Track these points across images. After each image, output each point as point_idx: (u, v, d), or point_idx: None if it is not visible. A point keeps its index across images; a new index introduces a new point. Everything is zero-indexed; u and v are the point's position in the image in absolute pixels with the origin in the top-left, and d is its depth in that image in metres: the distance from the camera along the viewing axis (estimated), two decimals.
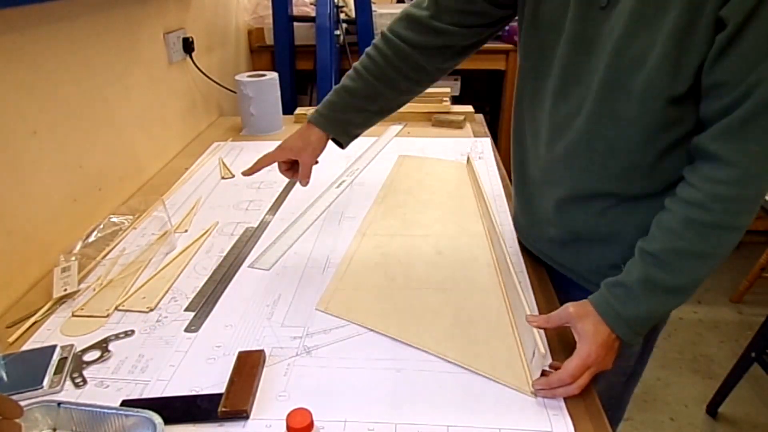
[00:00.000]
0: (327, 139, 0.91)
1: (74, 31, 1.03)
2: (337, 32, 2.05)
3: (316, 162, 0.92)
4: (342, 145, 0.95)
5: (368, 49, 0.87)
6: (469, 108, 1.69)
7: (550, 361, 0.70)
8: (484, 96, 2.57)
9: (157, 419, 0.59)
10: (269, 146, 1.47)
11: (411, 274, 0.90)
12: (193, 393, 0.67)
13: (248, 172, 0.93)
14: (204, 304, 0.84)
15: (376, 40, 0.87)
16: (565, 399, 0.65)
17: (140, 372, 0.71)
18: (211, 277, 0.91)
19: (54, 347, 0.73)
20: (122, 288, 0.88)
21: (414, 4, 0.84)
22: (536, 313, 0.80)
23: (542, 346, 0.65)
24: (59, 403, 0.61)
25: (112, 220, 1.08)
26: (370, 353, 0.73)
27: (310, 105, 2.10)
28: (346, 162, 1.36)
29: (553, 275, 0.90)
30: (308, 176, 0.91)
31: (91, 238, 1.02)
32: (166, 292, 0.87)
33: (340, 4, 2.12)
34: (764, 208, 1.32)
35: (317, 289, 0.87)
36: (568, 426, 0.62)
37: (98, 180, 1.12)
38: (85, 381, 0.69)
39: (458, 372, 0.70)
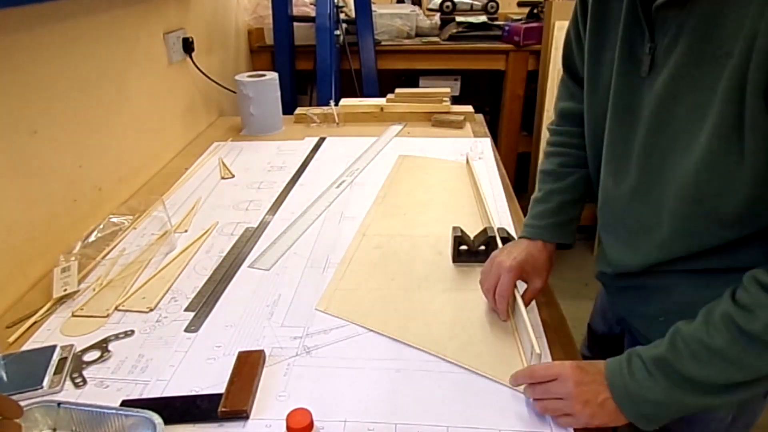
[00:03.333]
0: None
1: (74, 31, 1.03)
2: (337, 32, 2.05)
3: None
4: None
5: (548, 149, 0.86)
6: (469, 108, 1.69)
7: (548, 360, 0.70)
8: (484, 96, 2.57)
9: (157, 419, 0.59)
10: (269, 146, 1.49)
11: (411, 274, 0.90)
12: (193, 393, 0.67)
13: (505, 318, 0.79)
14: (204, 304, 0.84)
15: (550, 140, 0.86)
16: None
17: (140, 372, 0.71)
18: (211, 277, 0.91)
19: (54, 347, 0.73)
20: (122, 288, 0.88)
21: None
22: (536, 313, 0.80)
23: (537, 346, 0.65)
24: (59, 403, 0.61)
25: (111, 220, 1.08)
26: (370, 353, 0.73)
27: (310, 105, 2.10)
28: (346, 162, 1.36)
29: None
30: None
31: (91, 239, 1.02)
32: (166, 292, 0.87)
33: (340, 4, 2.13)
34: None
35: (317, 289, 0.87)
36: (568, 426, 0.61)
37: (98, 180, 1.12)
38: (85, 381, 0.69)
39: (458, 372, 0.70)
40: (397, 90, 1.69)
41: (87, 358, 0.73)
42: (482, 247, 0.91)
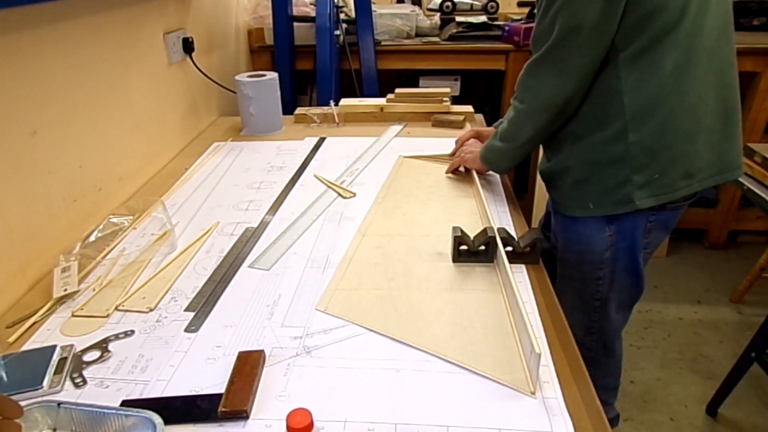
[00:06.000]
0: None
1: (74, 31, 1.03)
2: (337, 32, 2.05)
3: None
4: None
5: None
6: (469, 108, 1.69)
7: (549, 362, 0.70)
8: (484, 96, 2.57)
9: (157, 419, 0.59)
10: (269, 146, 1.49)
11: (411, 274, 0.90)
12: (193, 393, 0.67)
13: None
14: (204, 304, 0.84)
15: None
16: (566, 400, 0.65)
17: (140, 372, 0.71)
18: (211, 277, 0.91)
19: (54, 347, 0.73)
20: (122, 288, 0.88)
21: None
22: (536, 313, 0.80)
23: (537, 346, 0.65)
24: (59, 403, 0.61)
25: (111, 220, 1.09)
26: (370, 353, 0.73)
27: (310, 105, 2.10)
28: (346, 162, 1.36)
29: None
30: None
31: (91, 239, 1.02)
32: (166, 292, 0.87)
33: (340, 4, 2.13)
34: (764, 209, 1.32)
35: (317, 289, 0.87)
36: (568, 426, 0.62)
37: (98, 180, 1.12)
38: (85, 381, 0.69)
39: (458, 372, 0.70)
40: (397, 90, 1.69)
41: (87, 358, 0.73)
42: (482, 247, 0.91)
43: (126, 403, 0.65)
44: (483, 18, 2.31)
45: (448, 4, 2.36)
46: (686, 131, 0.91)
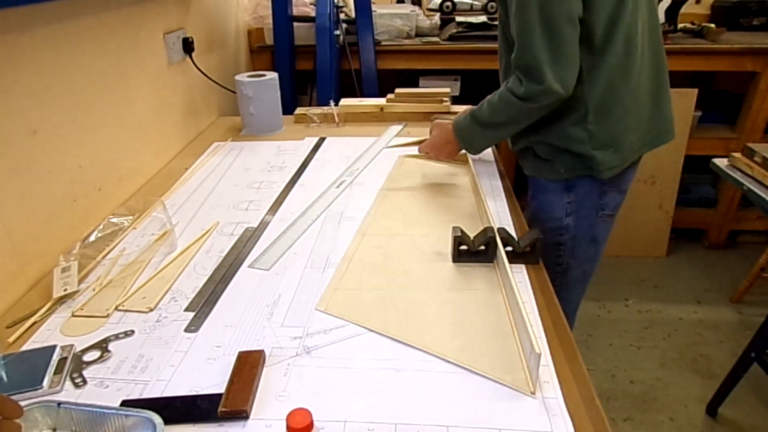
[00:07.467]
0: None
1: (74, 31, 1.03)
2: (337, 32, 2.05)
3: None
4: None
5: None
6: (469, 108, 1.69)
7: (549, 362, 0.70)
8: (484, 96, 2.56)
9: (157, 419, 0.59)
10: (269, 146, 1.49)
11: (411, 274, 0.90)
12: (193, 393, 0.67)
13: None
14: (204, 304, 0.84)
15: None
16: (566, 400, 0.65)
17: (140, 372, 0.71)
18: (211, 277, 0.91)
19: (54, 347, 0.73)
20: (122, 288, 0.88)
21: None
22: (536, 313, 0.80)
23: (537, 346, 0.65)
24: (59, 403, 0.61)
25: (111, 220, 1.08)
26: (370, 353, 0.73)
27: (310, 105, 2.10)
28: (346, 162, 1.36)
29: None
30: None
31: (91, 239, 1.02)
32: (166, 292, 0.87)
33: (340, 4, 2.13)
34: (764, 209, 1.32)
35: (317, 289, 0.87)
36: (568, 426, 0.62)
37: (98, 180, 1.12)
38: (85, 381, 0.69)
39: (458, 372, 0.70)
40: (397, 90, 1.69)
41: (87, 358, 0.73)
42: (482, 247, 0.91)
43: (126, 403, 0.65)
44: (483, 18, 2.30)
45: (448, 4, 2.36)
46: (627, 118, 1.09)
